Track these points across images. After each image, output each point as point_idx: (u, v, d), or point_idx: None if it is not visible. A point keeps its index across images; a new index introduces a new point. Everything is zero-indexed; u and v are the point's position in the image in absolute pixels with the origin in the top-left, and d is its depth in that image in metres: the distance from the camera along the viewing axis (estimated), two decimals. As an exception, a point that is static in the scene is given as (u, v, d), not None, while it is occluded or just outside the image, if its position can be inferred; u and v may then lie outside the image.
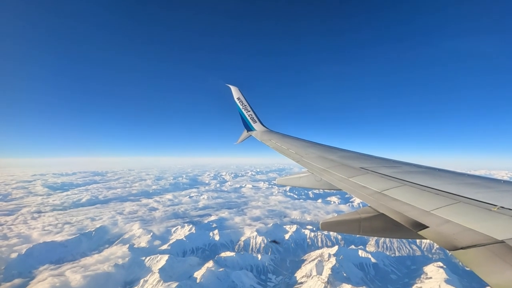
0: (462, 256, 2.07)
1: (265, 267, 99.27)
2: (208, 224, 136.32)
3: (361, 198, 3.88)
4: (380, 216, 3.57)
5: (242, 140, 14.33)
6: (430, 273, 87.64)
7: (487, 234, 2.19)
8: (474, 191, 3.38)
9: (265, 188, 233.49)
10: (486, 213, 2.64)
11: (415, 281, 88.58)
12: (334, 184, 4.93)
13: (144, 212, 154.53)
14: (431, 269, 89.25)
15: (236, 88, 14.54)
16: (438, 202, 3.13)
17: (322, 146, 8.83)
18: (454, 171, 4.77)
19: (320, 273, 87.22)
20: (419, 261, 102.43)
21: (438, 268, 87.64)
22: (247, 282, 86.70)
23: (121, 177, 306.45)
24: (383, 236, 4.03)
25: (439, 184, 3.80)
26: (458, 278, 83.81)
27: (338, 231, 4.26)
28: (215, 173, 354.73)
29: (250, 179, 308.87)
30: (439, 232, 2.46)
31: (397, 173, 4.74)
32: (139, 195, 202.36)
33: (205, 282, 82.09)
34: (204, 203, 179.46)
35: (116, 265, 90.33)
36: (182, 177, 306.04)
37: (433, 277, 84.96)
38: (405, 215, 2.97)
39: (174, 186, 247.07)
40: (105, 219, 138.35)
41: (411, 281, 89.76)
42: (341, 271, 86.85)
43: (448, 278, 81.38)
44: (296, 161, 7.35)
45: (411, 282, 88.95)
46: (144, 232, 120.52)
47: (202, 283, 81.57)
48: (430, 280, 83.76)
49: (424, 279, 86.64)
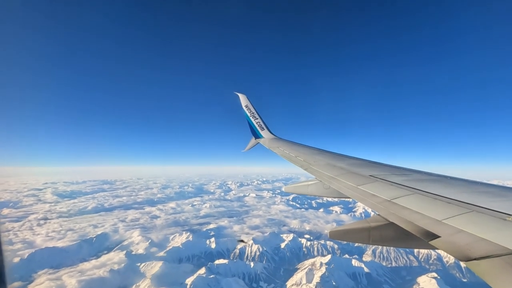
0: (476, 267, 1.99)
1: (257, 275, 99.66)
2: (206, 232, 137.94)
3: (370, 207, 3.85)
4: (390, 225, 3.45)
5: (250, 148, 14.27)
6: (423, 283, 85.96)
7: (502, 245, 2.11)
8: (488, 200, 3.25)
9: (269, 197, 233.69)
10: (500, 223, 2.53)
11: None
12: (342, 192, 4.89)
13: (146, 220, 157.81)
14: (424, 280, 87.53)
15: (244, 96, 14.66)
16: (450, 211, 3.03)
17: (331, 154, 8.72)
18: (467, 179, 4.64)
19: (310, 281, 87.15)
20: (415, 271, 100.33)
21: (431, 279, 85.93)
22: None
23: (128, 186, 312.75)
24: (393, 245, 3.92)
25: (451, 193, 3.69)
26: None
27: (347, 240, 4.03)
28: (221, 182, 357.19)
29: (255, 188, 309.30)
30: (452, 242, 2.35)
31: (408, 181, 4.63)
32: (144, 203, 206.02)
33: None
34: (205, 212, 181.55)
35: (111, 270, 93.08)
36: (188, 185, 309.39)
37: (425, 287, 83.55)
38: (416, 224, 2.90)
39: (179, 195, 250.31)
40: (107, 226, 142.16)
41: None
42: (330, 280, 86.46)
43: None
44: (305, 169, 7.26)
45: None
46: (143, 239, 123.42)
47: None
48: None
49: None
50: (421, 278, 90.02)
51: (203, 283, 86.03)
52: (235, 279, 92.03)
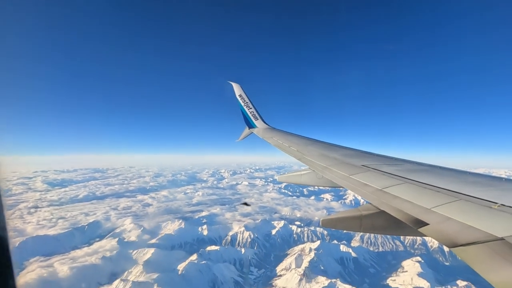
0: (462, 253, 2.08)
1: (248, 260, 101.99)
2: (198, 220, 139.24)
3: (362, 196, 3.95)
4: (381, 213, 3.59)
5: (243, 137, 14.27)
6: (407, 267, 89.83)
7: (487, 232, 2.21)
8: (475, 189, 3.42)
9: (261, 186, 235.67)
10: (486, 211, 2.68)
11: (391, 274, 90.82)
12: (335, 181, 5.03)
13: (138, 208, 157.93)
14: (408, 264, 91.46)
15: (237, 85, 14.44)
16: (439, 199, 3.17)
17: (324, 144, 8.85)
18: (456, 169, 4.84)
19: (299, 266, 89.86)
20: (401, 256, 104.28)
21: (415, 263, 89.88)
22: (228, 274, 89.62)
23: (120, 174, 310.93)
24: (384, 233, 4.08)
25: (440, 182, 3.85)
26: (432, 273, 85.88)
27: (339, 228, 4.21)
28: (214, 171, 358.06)
29: (247, 176, 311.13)
30: (439, 229, 2.49)
31: (399, 171, 4.80)
32: (136, 192, 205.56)
33: (187, 274, 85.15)
34: (198, 200, 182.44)
35: (103, 257, 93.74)
36: (181, 174, 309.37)
37: (408, 270, 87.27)
38: (406, 213, 3.02)
39: (172, 183, 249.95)
40: (99, 214, 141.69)
41: (387, 275, 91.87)
42: (318, 265, 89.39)
43: (422, 271, 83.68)
44: (298, 159, 7.36)
45: (387, 276, 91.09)
46: (135, 227, 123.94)
47: (184, 274, 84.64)
48: (405, 274, 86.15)
49: (400, 272, 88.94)
50: (406, 262, 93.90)
51: (194, 269, 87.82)
52: (226, 265, 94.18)
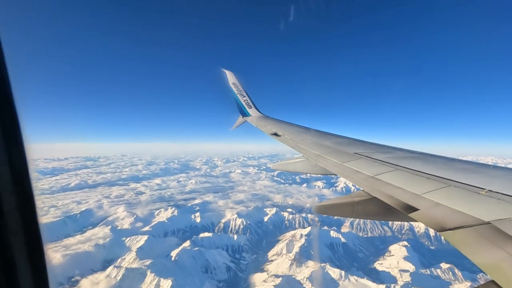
0: (450, 237, 2.17)
1: (240, 246, 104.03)
2: (191, 207, 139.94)
3: (355, 183, 4.07)
4: (373, 199, 3.69)
5: (237, 126, 14.20)
6: (394, 251, 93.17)
7: (475, 216, 2.33)
8: (464, 175, 3.57)
9: (254, 173, 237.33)
10: (474, 197, 2.82)
11: (379, 258, 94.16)
12: (328, 169, 5.18)
13: (131, 196, 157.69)
14: (395, 248, 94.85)
15: (231, 73, 14.23)
16: (429, 186, 3.32)
17: (317, 132, 8.94)
18: (446, 156, 4.99)
19: (290, 251, 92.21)
20: (388, 241, 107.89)
21: (401, 247, 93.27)
22: (220, 260, 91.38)
23: (112, 162, 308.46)
24: (376, 219, 4.18)
25: (431, 169, 3.99)
26: (418, 256, 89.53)
27: (332, 214, 4.30)
28: (207, 159, 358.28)
29: (241, 164, 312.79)
30: (429, 214, 2.61)
31: (390, 158, 4.94)
32: (128, 180, 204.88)
33: (180, 260, 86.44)
34: (191, 188, 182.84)
35: (96, 245, 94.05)
36: (174, 162, 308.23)
37: (395, 254, 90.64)
38: (397, 199, 3.15)
39: (165, 171, 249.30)
40: (91, 202, 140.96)
41: (375, 259, 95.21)
42: (308, 250, 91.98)
43: (408, 255, 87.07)
44: (292, 147, 7.44)
45: (375, 260, 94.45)
46: (128, 214, 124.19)
47: (177, 260, 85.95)
48: (392, 257, 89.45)
49: (387, 256, 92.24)
50: (393, 246, 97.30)
51: (187, 255, 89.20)
52: (218, 251, 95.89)
